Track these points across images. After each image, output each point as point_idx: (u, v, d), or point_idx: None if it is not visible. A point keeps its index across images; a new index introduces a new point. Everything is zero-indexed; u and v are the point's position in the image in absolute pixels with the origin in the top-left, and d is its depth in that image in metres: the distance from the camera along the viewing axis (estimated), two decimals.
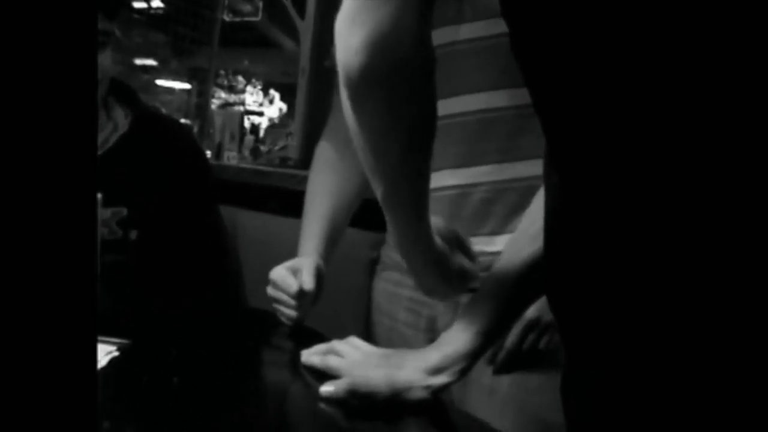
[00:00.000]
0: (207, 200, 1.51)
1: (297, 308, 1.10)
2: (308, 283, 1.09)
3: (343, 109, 0.71)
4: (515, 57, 0.56)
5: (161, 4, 6.15)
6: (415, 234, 0.80)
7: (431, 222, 0.80)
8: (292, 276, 1.10)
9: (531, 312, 0.98)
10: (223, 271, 1.52)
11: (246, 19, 6.03)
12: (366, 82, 0.65)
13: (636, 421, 0.49)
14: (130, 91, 1.50)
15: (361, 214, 1.35)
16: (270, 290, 1.13)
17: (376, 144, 0.72)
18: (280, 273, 1.12)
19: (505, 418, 0.98)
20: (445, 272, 0.84)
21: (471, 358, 0.84)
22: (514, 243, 0.87)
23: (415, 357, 0.85)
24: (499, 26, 0.96)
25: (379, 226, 1.36)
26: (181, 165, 1.46)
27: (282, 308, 1.12)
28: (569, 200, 0.53)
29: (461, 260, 0.86)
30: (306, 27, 2.57)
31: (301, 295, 1.09)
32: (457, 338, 0.84)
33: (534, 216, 0.84)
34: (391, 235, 0.81)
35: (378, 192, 0.76)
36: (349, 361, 0.86)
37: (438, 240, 0.82)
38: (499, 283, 0.85)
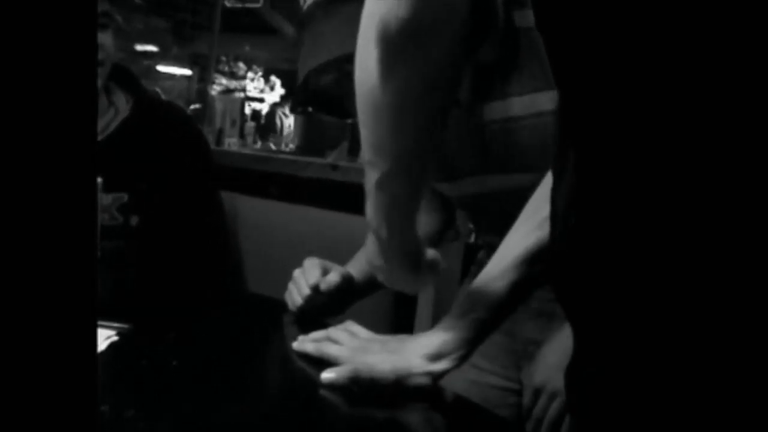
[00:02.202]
0: (208, 186, 1.50)
1: (304, 299, 1.10)
2: (325, 282, 1.10)
3: (360, 74, 0.68)
4: (539, 32, 0.55)
5: None
6: (404, 220, 0.78)
7: None
8: (319, 269, 1.12)
9: (537, 380, 0.99)
10: (223, 261, 1.52)
11: (247, 5, 6.00)
12: (408, 36, 0.61)
13: (636, 414, 0.49)
14: (131, 76, 1.50)
15: None
16: (296, 272, 1.14)
17: (399, 110, 0.68)
18: (312, 262, 1.14)
19: None
20: (418, 263, 0.83)
21: (471, 344, 0.83)
22: (518, 229, 0.86)
23: (415, 343, 0.84)
24: None
25: None
26: (182, 150, 1.46)
27: (293, 291, 1.12)
28: (584, 184, 0.52)
29: (429, 252, 0.86)
30: None
31: (314, 288, 1.10)
32: (457, 324, 0.84)
33: (538, 203, 0.84)
34: (372, 220, 0.78)
35: (378, 171, 0.73)
36: (348, 348, 0.86)
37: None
38: (501, 270, 0.84)
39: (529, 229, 0.83)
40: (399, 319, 1.47)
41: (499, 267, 0.85)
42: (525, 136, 0.93)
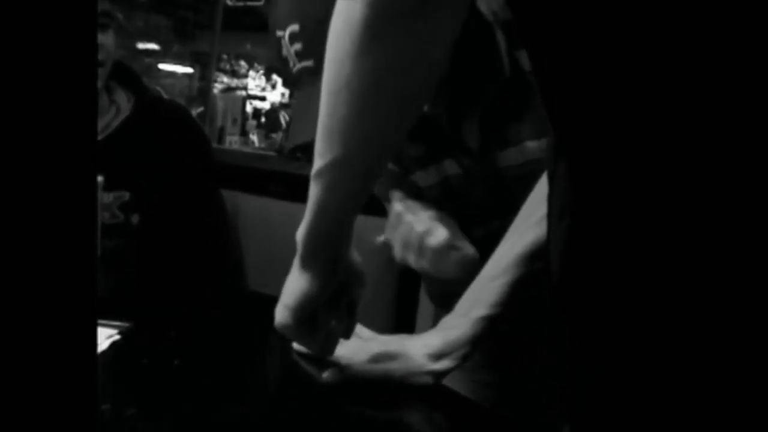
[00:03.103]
0: (209, 184, 1.50)
1: None
2: None
3: (335, 41, 0.62)
4: (521, 43, 0.55)
5: None
6: (344, 210, 0.73)
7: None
8: None
9: None
10: (224, 260, 1.52)
11: (248, 3, 6.01)
12: (394, 10, 0.57)
13: (635, 415, 0.49)
14: (132, 75, 1.50)
15: (369, 200, 1.34)
16: None
17: (372, 87, 0.62)
18: None
19: None
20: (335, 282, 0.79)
21: (473, 343, 0.84)
22: (518, 228, 0.86)
23: (417, 342, 0.84)
24: None
25: (386, 212, 1.36)
26: (183, 149, 1.46)
27: None
28: (575, 190, 0.52)
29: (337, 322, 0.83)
30: None
31: None
32: (459, 323, 0.84)
33: (537, 200, 0.84)
34: (308, 213, 0.73)
35: (323, 159, 0.68)
36: (349, 348, 0.86)
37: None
38: (502, 268, 0.84)
39: (528, 226, 0.84)
40: (401, 318, 1.47)
41: (499, 265, 0.85)
42: (522, 184, 0.89)
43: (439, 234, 0.90)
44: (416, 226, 0.91)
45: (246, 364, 0.91)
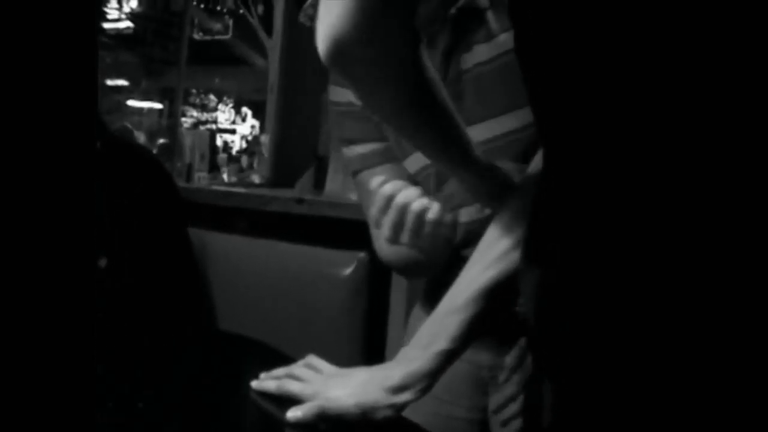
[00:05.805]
0: (175, 228, 1.51)
1: None
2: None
3: None
4: (518, 56, 0.57)
5: (130, 25, 6.14)
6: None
7: None
8: None
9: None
10: (192, 301, 1.53)
11: (216, 37, 6.02)
12: (334, 64, 0.70)
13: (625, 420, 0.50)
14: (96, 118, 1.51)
15: (335, 235, 1.36)
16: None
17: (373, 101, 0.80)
18: None
19: None
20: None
21: (433, 375, 0.85)
22: (478, 261, 0.87)
23: (378, 376, 0.85)
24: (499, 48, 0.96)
25: (352, 246, 1.38)
26: (149, 192, 1.47)
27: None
28: (553, 185, 0.54)
29: None
30: (273, 45, 2.57)
31: None
32: (418, 356, 0.85)
33: (498, 234, 0.85)
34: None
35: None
36: (312, 385, 0.86)
37: None
38: (462, 303, 0.85)
39: (489, 262, 0.84)
40: (369, 351, 1.48)
41: (459, 299, 0.86)
42: (488, 80, 0.95)
43: (436, 208, 0.89)
44: (412, 206, 0.89)
45: (212, 404, 0.92)
